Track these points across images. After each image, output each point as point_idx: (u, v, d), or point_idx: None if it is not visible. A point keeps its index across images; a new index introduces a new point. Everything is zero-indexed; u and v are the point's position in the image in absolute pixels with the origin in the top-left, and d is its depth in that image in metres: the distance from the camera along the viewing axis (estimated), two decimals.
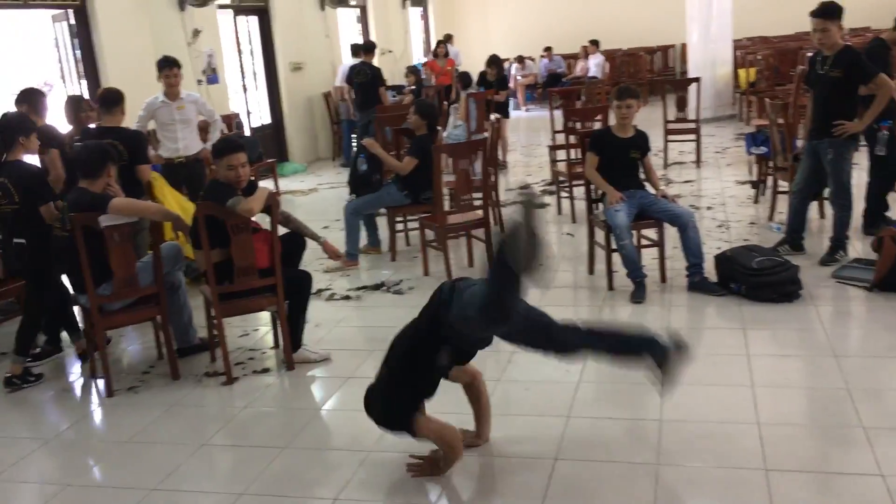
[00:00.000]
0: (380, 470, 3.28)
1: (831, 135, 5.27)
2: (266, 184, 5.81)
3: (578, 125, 7.67)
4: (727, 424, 3.40)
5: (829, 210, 5.80)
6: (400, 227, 6.77)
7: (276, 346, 4.72)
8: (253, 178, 4.45)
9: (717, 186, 8.20)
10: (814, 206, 6.11)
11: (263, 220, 4.38)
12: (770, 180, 6.99)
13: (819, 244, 5.71)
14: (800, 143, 6.24)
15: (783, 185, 6.53)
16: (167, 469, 3.43)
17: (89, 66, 8.29)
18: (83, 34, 8.23)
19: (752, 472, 3.02)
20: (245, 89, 11.45)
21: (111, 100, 5.62)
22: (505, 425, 3.56)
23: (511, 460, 3.27)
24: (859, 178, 5.81)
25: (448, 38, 14.47)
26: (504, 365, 4.24)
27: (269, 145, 11.35)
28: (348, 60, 11.56)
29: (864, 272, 5.03)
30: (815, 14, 5.25)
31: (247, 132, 10.79)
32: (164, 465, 3.47)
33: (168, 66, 6.54)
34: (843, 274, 5.15)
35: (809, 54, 6.41)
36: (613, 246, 5.19)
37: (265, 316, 5.05)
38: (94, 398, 4.37)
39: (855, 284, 4.99)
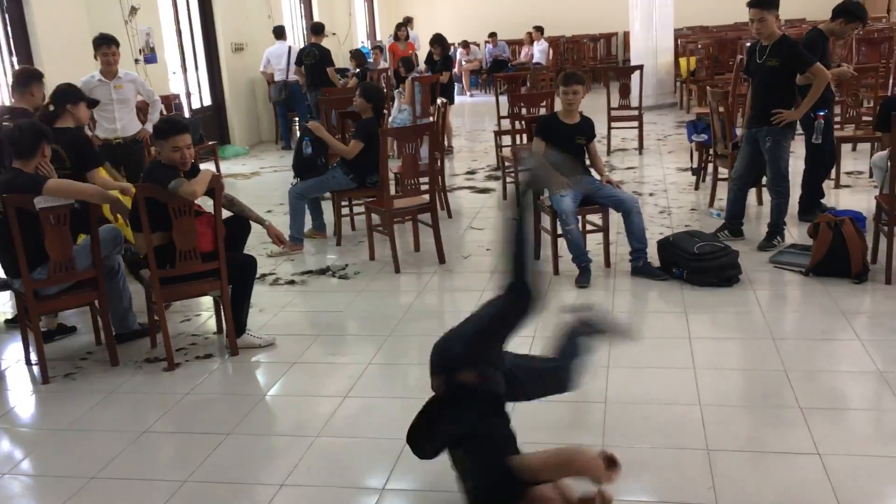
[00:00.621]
0: (327, 455, 3.25)
1: (769, 123, 5.39)
2: (207, 167, 5.70)
3: (524, 111, 7.70)
4: (670, 406, 3.47)
5: (767, 197, 5.95)
6: (345, 211, 6.71)
7: (220, 331, 4.63)
8: (194, 160, 4.35)
9: (659, 173, 8.33)
10: (752, 193, 6.25)
11: (206, 204, 4.29)
12: (710, 167, 7.13)
13: (757, 230, 5.85)
14: (739, 131, 6.38)
15: (723, 172, 6.67)
16: (106, 457, 3.34)
17: (21, 43, 7.98)
18: (14, 9, 7.92)
19: (694, 452, 3.08)
20: (185, 70, 11.18)
21: (22, 79, 5.37)
22: None
23: None
24: (796, 165, 5.96)
25: (408, 22, 14.35)
26: None
27: (210, 128, 11.12)
28: (273, 45, 11.55)
29: (800, 257, 5.17)
30: (753, 4, 5.36)
31: (186, 114, 10.55)
32: (104, 453, 3.38)
33: (105, 44, 6.34)
34: (780, 259, 5.29)
35: (748, 44, 6.54)
36: (559, 231, 5.23)
37: (208, 301, 4.96)
38: (29, 385, 4.23)
39: (791, 269, 5.12)
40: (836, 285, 4.78)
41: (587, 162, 5.49)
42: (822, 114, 5.86)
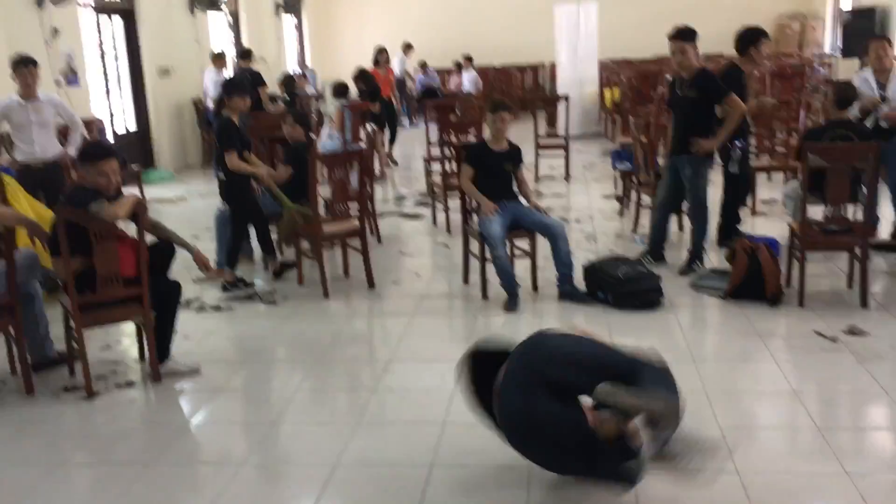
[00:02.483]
0: (252, 483, 3.19)
1: (689, 152, 5.58)
2: (131, 192, 5.58)
3: (453, 138, 7.79)
4: None
5: (687, 223, 6.14)
6: (273, 236, 6.63)
7: (142, 358, 4.51)
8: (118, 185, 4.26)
9: (584, 200, 8.51)
10: (674, 220, 6.44)
11: (130, 229, 4.20)
12: (634, 195, 7.32)
13: (678, 255, 6.02)
14: (661, 160, 6.58)
15: (646, 199, 6.86)
16: (20, 492, 3.21)
17: None
18: None
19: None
20: (108, 93, 10.94)
21: None
22: (381, 434, 3.56)
23: (382, 470, 3.25)
24: (715, 194, 6.17)
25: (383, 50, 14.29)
26: (379, 374, 4.23)
27: (134, 152, 10.89)
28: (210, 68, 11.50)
29: (718, 281, 5.34)
30: (673, 37, 5.58)
31: (110, 138, 10.31)
32: (17, 487, 3.24)
33: (24, 65, 6.16)
34: (700, 283, 5.45)
35: (669, 77, 6.78)
36: (487, 256, 5.29)
37: (130, 327, 4.83)
38: None
39: (710, 293, 5.29)
40: (753, 308, 4.95)
41: (515, 188, 5.57)
42: (738, 144, 6.10)
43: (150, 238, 4.26)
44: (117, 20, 11.11)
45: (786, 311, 4.95)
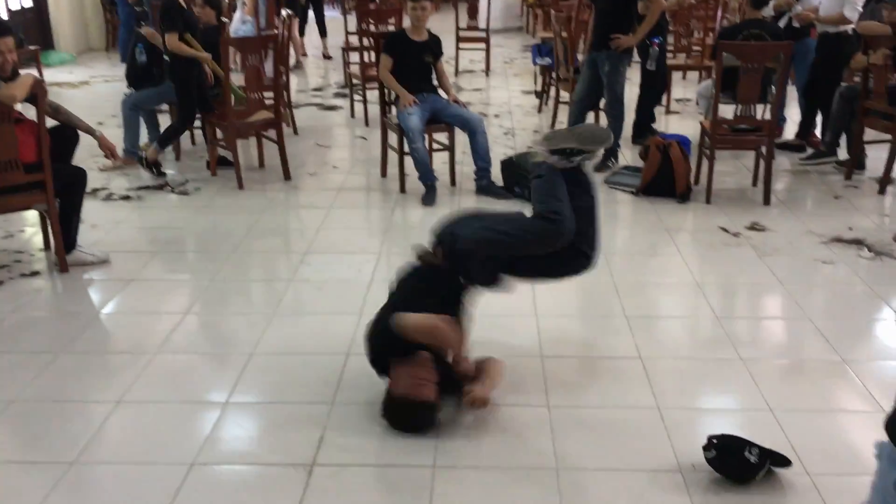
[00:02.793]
0: (166, 372, 3.18)
1: (609, 48, 5.59)
2: (29, 73, 5.25)
3: (372, 27, 7.57)
4: (508, 317, 3.62)
5: (604, 120, 6.20)
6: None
7: (47, 247, 4.37)
8: (15, 66, 4.00)
9: (504, 95, 8.47)
10: (590, 117, 6.49)
11: (29, 112, 3.97)
12: (553, 91, 7.32)
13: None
14: (581, 57, 6.57)
15: (564, 95, 6.87)
16: None
17: None
18: None
19: (529, 359, 3.25)
20: None
21: None
22: (297, 324, 3.58)
23: (299, 358, 3.29)
24: (631, 91, 6.23)
25: None
26: (296, 265, 4.22)
27: (32, 31, 10.23)
28: None
29: (631, 178, 5.47)
30: None
31: (3, 14, 9.61)
32: None
33: None
34: (613, 180, 5.57)
35: None
36: (406, 149, 5.25)
37: (33, 215, 4.65)
38: None
39: (623, 189, 5.41)
40: (663, 204, 5.11)
41: (434, 81, 5.49)
42: (656, 41, 6.13)
43: (51, 123, 4.06)
44: None
45: (694, 207, 5.12)
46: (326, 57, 11.01)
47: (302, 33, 11.06)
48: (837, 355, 3.27)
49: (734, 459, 2.44)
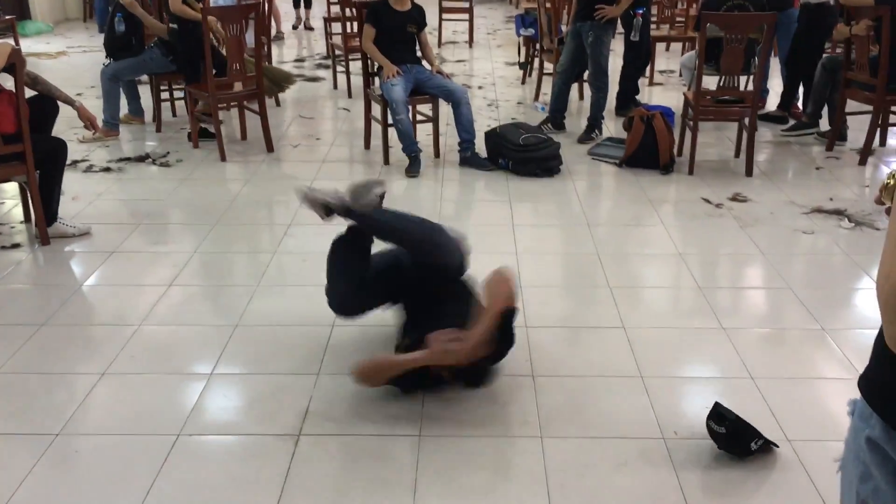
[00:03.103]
0: (151, 343, 3.18)
1: (593, 18, 5.57)
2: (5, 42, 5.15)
3: None
4: None
5: (588, 92, 6.20)
6: (165, 95, 6.34)
7: (27, 220, 4.33)
8: None
9: (487, 67, 8.43)
10: (575, 89, 6.49)
11: (7, 83, 3.91)
12: (536, 62, 7.29)
13: (578, 123, 6.11)
14: (564, 27, 6.54)
15: (548, 67, 6.85)
16: None
17: None
18: None
19: (514, 329, 3.26)
20: None
21: None
22: (282, 295, 3.57)
23: (284, 329, 3.29)
24: (615, 63, 6.22)
25: None
26: (280, 238, 4.20)
27: (6, 1, 10.03)
28: None
29: (615, 150, 5.48)
30: None
31: None
32: None
33: None
34: (597, 151, 5.57)
35: None
36: (390, 121, 5.23)
37: (12, 187, 4.60)
38: None
39: (607, 161, 5.42)
40: (646, 176, 5.12)
41: (418, 52, 5.46)
42: (640, 12, 6.11)
43: (29, 93, 4.00)
44: None
45: (676, 178, 5.14)
46: (308, 28, 10.91)
47: (297, 5, 10.95)
48: (817, 324, 3.31)
49: (739, 447, 2.46)
